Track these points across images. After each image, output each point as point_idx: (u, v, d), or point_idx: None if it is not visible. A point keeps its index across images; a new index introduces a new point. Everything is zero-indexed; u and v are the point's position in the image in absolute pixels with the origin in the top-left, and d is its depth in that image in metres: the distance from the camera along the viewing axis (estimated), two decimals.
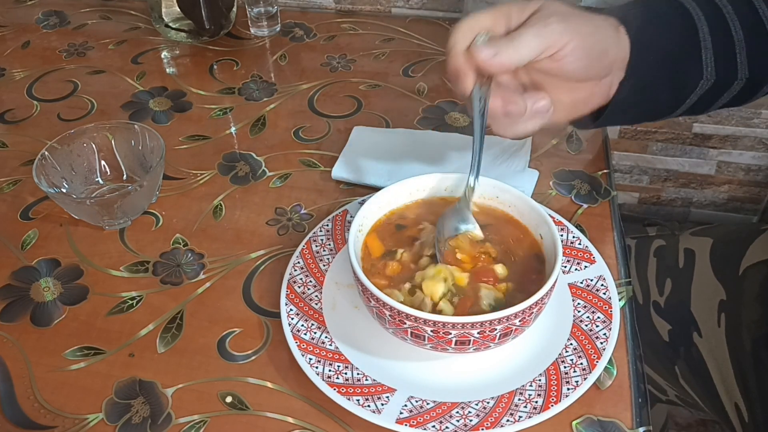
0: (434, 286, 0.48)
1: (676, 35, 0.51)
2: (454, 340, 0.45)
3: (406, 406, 0.47)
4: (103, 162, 0.67)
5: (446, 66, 0.49)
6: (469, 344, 0.45)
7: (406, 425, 0.45)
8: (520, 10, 0.49)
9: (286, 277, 0.56)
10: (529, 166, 0.67)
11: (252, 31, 0.92)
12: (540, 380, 0.48)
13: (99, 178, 0.67)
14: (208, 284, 0.59)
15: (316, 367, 0.49)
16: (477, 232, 0.52)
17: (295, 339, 0.51)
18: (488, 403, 0.47)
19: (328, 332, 0.52)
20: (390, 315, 0.45)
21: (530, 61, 0.47)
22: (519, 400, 0.47)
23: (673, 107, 0.55)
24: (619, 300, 0.53)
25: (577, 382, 0.47)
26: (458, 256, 0.50)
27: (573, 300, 0.53)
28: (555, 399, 0.46)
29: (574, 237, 0.58)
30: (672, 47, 0.51)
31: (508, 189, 0.53)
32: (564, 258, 0.56)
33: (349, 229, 0.51)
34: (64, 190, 0.63)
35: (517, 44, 0.46)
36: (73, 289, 0.59)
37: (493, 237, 0.52)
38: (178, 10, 0.86)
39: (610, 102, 0.52)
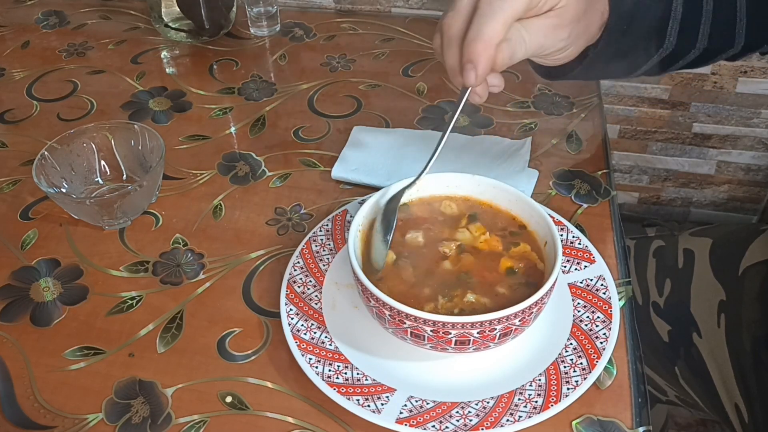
0: None
1: (654, 6, 0.51)
2: (453, 340, 0.45)
3: (405, 405, 0.47)
4: (102, 162, 0.67)
5: (472, 50, 0.45)
6: (469, 344, 0.45)
7: (406, 425, 0.45)
8: None
9: (286, 277, 0.56)
10: (529, 166, 0.67)
11: (252, 30, 0.92)
12: (540, 380, 0.48)
13: (99, 178, 0.67)
14: (207, 284, 0.58)
15: (316, 367, 0.49)
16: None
17: (295, 339, 0.51)
18: (488, 402, 0.47)
19: (327, 332, 0.52)
20: (390, 315, 0.45)
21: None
22: (519, 399, 0.47)
23: (627, 72, 0.56)
24: (619, 300, 0.53)
25: (577, 381, 0.47)
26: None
27: (573, 300, 0.53)
28: (555, 399, 0.46)
29: (574, 237, 0.58)
30: (646, 18, 0.51)
31: (508, 189, 0.53)
32: (564, 258, 0.56)
33: (349, 229, 0.51)
34: (63, 190, 0.63)
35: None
36: (73, 289, 0.59)
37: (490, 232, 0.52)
38: (178, 10, 0.86)
39: (578, 65, 0.52)
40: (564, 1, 0.46)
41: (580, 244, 0.57)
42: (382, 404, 0.47)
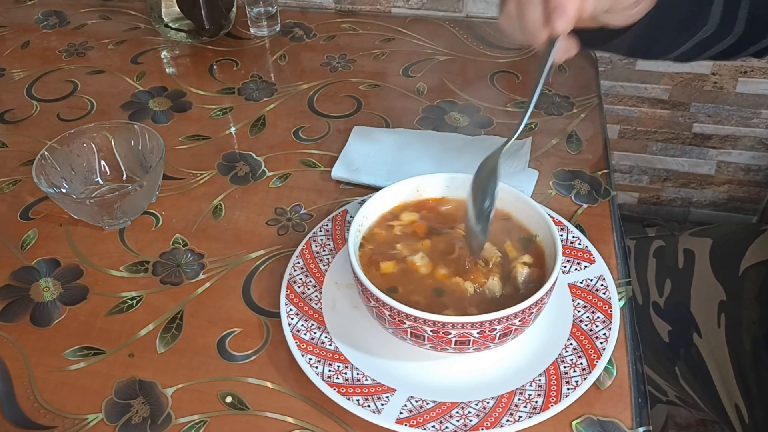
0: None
1: None
2: (453, 340, 0.45)
3: (405, 406, 0.47)
4: (102, 162, 0.67)
5: None
6: (468, 344, 0.45)
7: (406, 425, 0.45)
8: None
9: (286, 277, 0.56)
10: (529, 166, 0.67)
11: (252, 31, 0.92)
12: (540, 380, 0.48)
13: (99, 178, 0.67)
14: (207, 284, 0.59)
15: (316, 367, 0.49)
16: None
17: (294, 339, 0.51)
18: (488, 403, 0.47)
19: (327, 332, 0.52)
20: (390, 315, 0.45)
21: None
22: (519, 400, 0.47)
23: (668, 50, 0.55)
24: (619, 300, 0.53)
25: (577, 382, 0.47)
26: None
27: (573, 300, 0.53)
28: (555, 399, 0.46)
29: (573, 237, 0.58)
30: None
31: (508, 189, 0.53)
32: (564, 258, 0.56)
33: (348, 229, 0.51)
34: (63, 190, 0.63)
35: None
36: (73, 289, 0.59)
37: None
38: (178, 10, 0.86)
39: (627, 31, 0.51)
40: None
41: (580, 244, 0.57)
42: (382, 404, 0.47)
